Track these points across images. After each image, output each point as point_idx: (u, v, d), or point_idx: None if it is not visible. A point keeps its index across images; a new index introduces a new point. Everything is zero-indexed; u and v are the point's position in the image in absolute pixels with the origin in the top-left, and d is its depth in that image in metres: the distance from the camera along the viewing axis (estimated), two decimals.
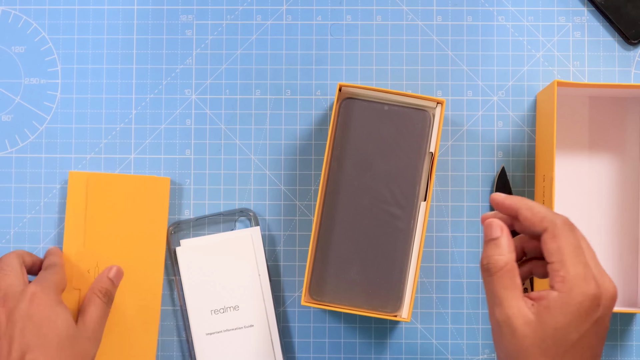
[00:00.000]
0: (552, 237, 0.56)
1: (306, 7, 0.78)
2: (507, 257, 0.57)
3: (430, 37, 0.77)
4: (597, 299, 0.55)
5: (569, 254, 0.56)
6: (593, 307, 0.55)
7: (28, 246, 0.76)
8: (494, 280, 0.57)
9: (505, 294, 0.56)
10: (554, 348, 0.55)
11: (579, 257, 0.56)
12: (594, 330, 0.55)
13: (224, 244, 0.75)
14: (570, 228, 0.57)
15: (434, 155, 0.70)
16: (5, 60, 0.78)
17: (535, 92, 0.77)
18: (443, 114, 0.70)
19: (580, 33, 0.77)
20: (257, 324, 0.74)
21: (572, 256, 0.55)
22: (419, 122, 0.70)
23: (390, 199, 0.70)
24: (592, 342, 0.56)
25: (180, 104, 0.77)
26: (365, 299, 0.70)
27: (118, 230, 0.75)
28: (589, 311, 0.55)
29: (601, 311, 0.55)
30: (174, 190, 0.77)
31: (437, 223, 0.76)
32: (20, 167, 0.77)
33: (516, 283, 0.57)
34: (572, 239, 0.56)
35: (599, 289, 0.55)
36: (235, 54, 0.78)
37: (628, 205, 0.75)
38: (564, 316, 0.55)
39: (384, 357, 0.76)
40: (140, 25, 0.78)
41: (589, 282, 0.55)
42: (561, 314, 0.55)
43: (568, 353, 0.55)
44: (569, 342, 0.55)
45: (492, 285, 0.57)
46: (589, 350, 0.56)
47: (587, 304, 0.55)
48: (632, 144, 0.75)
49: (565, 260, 0.55)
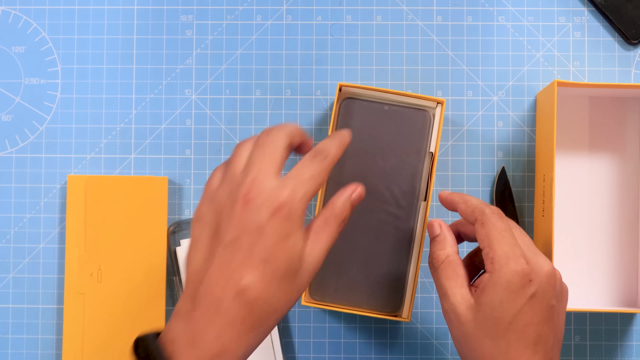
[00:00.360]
0: (482, 225, 0.60)
1: (306, 7, 0.78)
2: (447, 250, 0.61)
3: (430, 37, 0.77)
4: (526, 274, 0.57)
5: (495, 237, 0.59)
6: (524, 283, 0.57)
7: (28, 246, 0.76)
8: (438, 273, 0.61)
9: (449, 284, 0.60)
10: (494, 327, 0.58)
11: (506, 239, 0.58)
12: (531, 306, 0.57)
13: None
14: (499, 216, 0.60)
15: (434, 155, 0.70)
16: (5, 60, 0.78)
17: (535, 92, 0.77)
18: (443, 114, 0.70)
19: (580, 33, 0.77)
20: None
21: (499, 238, 0.59)
22: (419, 122, 0.70)
23: (390, 199, 0.70)
24: (533, 319, 0.58)
25: (180, 104, 0.77)
26: (365, 299, 0.70)
27: (118, 232, 0.75)
28: (520, 287, 0.57)
29: (535, 287, 0.57)
30: (174, 190, 0.77)
31: None
32: (20, 167, 0.77)
33: (458, 273, 0.60)
34: (499, 224, 0.59)
35: (529, 265, 0.58)
36: (236, 54, 0.78)
37: (628, 205, 0.75)
38: (497, 294, 0.57)
39: (384, 357, 0.76)
40: (140, 25, 0.78)
41: (517, 260, 0.57)
42: (494, 293, 0.57)
43: (509, 331, 0.57)
44: (506, 320, 0.57)
45: (437, 277, 0.61)
46: (531, 326, 0.58)
47: (516, 280, 0.57)
48: (632, 144, 0.75)
49: (493, 243, 0.59)
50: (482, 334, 0.58)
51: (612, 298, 0.75)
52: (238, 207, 0.53)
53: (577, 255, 0.75)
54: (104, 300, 0.75)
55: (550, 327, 0.59)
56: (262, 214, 0.53)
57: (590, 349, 0.76)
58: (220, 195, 0.55)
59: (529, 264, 0.58)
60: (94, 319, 0.74)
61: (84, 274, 0.75)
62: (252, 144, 0.57)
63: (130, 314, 0.75)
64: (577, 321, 0.76)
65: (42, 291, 0.76)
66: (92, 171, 0.77)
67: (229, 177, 0.56)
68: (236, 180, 0.55)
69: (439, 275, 0.61)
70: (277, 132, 0.57)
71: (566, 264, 0.75)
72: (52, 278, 0.76)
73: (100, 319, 0.75)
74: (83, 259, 0.75)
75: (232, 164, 0.57)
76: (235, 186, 0.55)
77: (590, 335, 0.76)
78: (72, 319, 0.75)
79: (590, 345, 0.76)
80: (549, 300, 0.58)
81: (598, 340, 0.76)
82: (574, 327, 0.76)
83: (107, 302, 0.75)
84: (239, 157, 0.57)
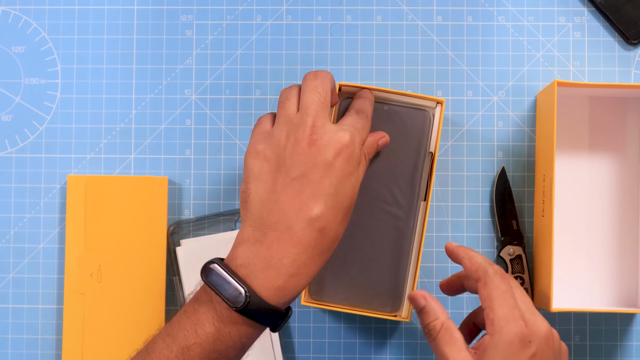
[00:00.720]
0: (484, 285, 0.60)
1: (306, 7, 0.78)
2: (441, 318, 0.61)
3: (431, 37, 0.77)
4: (526, 336, 0.58)
5: (496, 298, 0.59)
6: (524, 344, 0.58)
7: (28, 246, 0.76)
8: (437, 342, 0.61)
9: (448, 350, 0.60)
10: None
11: (507, 301, 0.59)
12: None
13: (224, 244, 0.75)
14: (501, 277, 0.61)
15: (434, 155, 0.70)
16: (5, 60, 0.78)
17: (535, 92, 0.77)
18: (443, 113, 0.70)
19: (581, 33, 0.77)
20: None
21: (500, 300, 0.59)
22: (419, 121, 0.70)
23: (390, 199, 0.70)
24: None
25: (180, 104, 0.77)
26: (365, 298, 0.70)
27: (118, 232, 0.75)
28: (520, 349, 0.58)
29: (534, 348, 0.58)
30: (173, 191, 0.77)
31: (437, 223, 0.76)
32: (20, 167, 0.77)
33: (455, 337, 0.60)
34: (501, 285, 0.60)
35: (527, 327, 0.58)
36: (235, 54, 0.78)
37: (628, 205, 0.75)
38: (497, 356, 0.58)
39: (384, 357, 0.76)
40: (140, 26, 0.78)
41: (517, 322, 0.58)
42: (494, 354, 0.58)
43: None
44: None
45: (436, 346, 0.61)
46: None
47: (516, 342, 0.58)
48: (632, 144, 0.75)
49: (494, 305, 0.59)
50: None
51: (612, 298, 0.75)
52: (303, 145, 0.59)
53: (577, 255, 0.75)
54: (104, 300, 0.75)
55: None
56: (328, 153, 0.59)
57: (590, 349, 0.76)
58: (278, 135, 0.61)
59: (528, 326, 0.58)
60: (94, 319, 0.74)
61: (83, 274, 0.75)
62: (298, 89, 0.63)
63: (130, 314, 0.75)
64: (577, 321, 0.76)
65: (42, 291, 0.76)
66: (92, 171, 0.77)
67: (285, 119, 0.61)
68: (293, 122, 0.61)
69: (438, 344, 0.61)
70: (323, 77, 0.63)
71: (566, 264, 0.75)
72: (52, 278, 0.76)
73: (100, 319, 0.75)
74: (83, 259, 0.75)
75: (284, 107, 0.62)
76: (293, 127, 0.60)
77: (590, 335, 0.76)
78: (72, 319, 0.75)
79: (590, 345, 0.76)
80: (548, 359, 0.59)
81: (598, 341, 0.76)
82: (573, 327, 0.76)
83: (107, 302, 0.75)
84: (290, 101, 0.62)
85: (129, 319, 0.75)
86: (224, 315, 0.57)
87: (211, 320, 0.58)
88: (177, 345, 0.58)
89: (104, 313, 0.75)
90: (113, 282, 0.75)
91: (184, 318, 0.59)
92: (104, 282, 0.75)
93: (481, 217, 0.76)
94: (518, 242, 0.75)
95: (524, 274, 0.74)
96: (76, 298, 0.75)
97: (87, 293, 0.75)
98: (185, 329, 0.58)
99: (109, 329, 0.74)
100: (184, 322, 0.58)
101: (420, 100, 0.70)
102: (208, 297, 0.58)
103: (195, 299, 0.59)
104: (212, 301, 0.58)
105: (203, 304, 0.58)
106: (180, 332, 0.58)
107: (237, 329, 0.58)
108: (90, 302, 0.75)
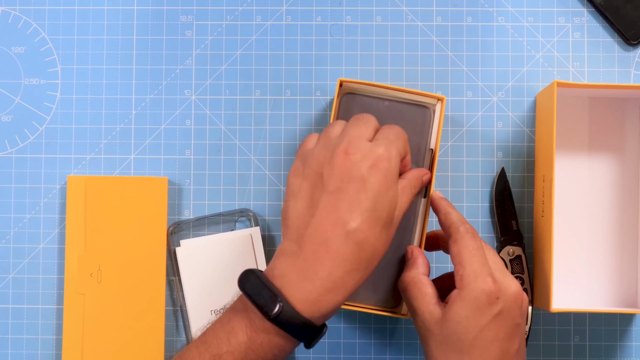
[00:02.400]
0: (454, 242, 0.62)
1: (306, 7, 0.78)
2: (413, 272, 0.64)
3: (430, 37, 0.77)
4: (493, 293, 0.59)
5: (466, 255, 0.61)
6: (490, 301, 0.59)
7: (28, 246, 0.76)
8: (405, 294, 0.64)
9: (417, 304, 0.62)
10: (459, 342, 0.60)
11: (476, 257, 0.61)
12: (497, 324, 0.60)
13: (224, 244, 0.75)
14: (472, 235, 0.62)
15: (434, 151, 0.69)
16: (5, 60, 0.78)
17: (534, 92, 0.77)
18: (443, 110, 0.70)
19: (580, 34, 0.77)
20: None
21: (469, 256, 0.61)
22: (419, 118, 0.70)
23: None
24: (498, 335, 0.60)
25: (180, 104, 0.77)
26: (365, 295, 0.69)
27: (118, 232, 0.75)
28: (487, 304, 0.59)
29: (501, 305, 0.60)
30: (173, 191, 0.77)
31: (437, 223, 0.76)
32: (20, 168, 0.77)
33: (424, 292, 0.62)
34: (471, 243, 0.62)
35: (496, 284, 0.60)
36: (235, 54, 0.78)
37: (628, 205, 0.75)
38: (463, 310, 0.59)
39: (384, 357, 0.76)
40: (140, 26, 0.78)
41: (485, 278, 0.60)
42: (460, 308, 0.60)
43: (473, 347, 0.59)
44: (471, 335, 0.59)
45: (405, 298, 0.64)
46: (495, 342, 0.60)
47: (483, 298, 0.59)
48: (632, 144, 0.75)
49: (463, 261, 0.61)
50: (448, 348, 0.60)
51: (612, 298, 0.75)
52: (339, 159, 0.59)
53: (577, 256, 0.75)
54: (103, 300, 0.75)
55: (515, 342, 0.61)
56: (362, 166, 0.59)
57: (590, 349, 0.76)
58: (317, 154, 0.61)
59: (496, 283, 0.60)
60: (94, 319, 0.74)
61: (83, 274, 0.75)
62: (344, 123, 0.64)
63: (130, 314, 0.75)
64: (577, 322, 0.76)
65: (42, 291, 0.76)
66: (92, 171, 0.77)
67: (325, 140, 0.62)
68: (332, 142, 0.61)
69: (407, 296, 0.63)
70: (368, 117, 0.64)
71: (566, 264, 0.75)
72: (52, 278, 0.76)
73: (100, 319, 0.75)
74: (83, 260, 0.75)
75: (327, 132, 0.63)
76: (331, 146, 0.61)
77: (590, 335, 0.76)
78: (72, 319, 0.75)
79: (589, 345, 0.76)
80: (514, 319, 0.60)
81: (597, 341, 0.76)
82: (573, 327, 0.76)
83: (107, 302, 0.75)
84: (333, 127, 0.63)
85: (128, 319, 0.75)
86: (257, 324, 0.58)
87: (244, 329, 0.58)
88: (210, 353, 0.58)
89: (104, 313, 0.75)
90: (113, 283, 0.75)
91: (219, 327, 0.59)
92: (104, 282, 0.75)
93: (481, 217, 0.76)
94: (518, 243, 0.75)
95: (523, 274, 0.74)
96: (76, 298, 0.75)
97: (87, 293, 0.75)
98: (219, 337, 0.58)
99: (109, 329, 0.74)
100: (218, 330, 0.59)
101: (421, 97, 0.70)
102: (243, 306, 0.59)
103: (231, 309, 0.60)
104: (247, 310, 0.58)
105: (238, 313, 0.59)
106: (214, 340, 0.58)
107: (269, 339, 0.58)
108: (90, 302, 0.75)
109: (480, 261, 0.61)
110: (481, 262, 0.61)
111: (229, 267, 0.74)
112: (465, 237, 0.62)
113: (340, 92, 0.70)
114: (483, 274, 0.60)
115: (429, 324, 0.61)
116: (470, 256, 0.61)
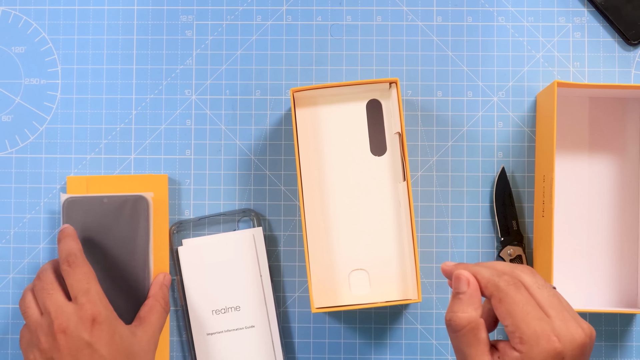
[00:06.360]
0: (499, 302, 0.56)
1: (306, 7, 0.78)
2: (470, 314, 0.57)
3: (431, 37, 0.77)
4: (559, 354, 0.54)
5: (519, 314, 0.55)
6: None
7: (28, 246, 0.76)
8: (458, 338, 0.57)
9: (470, 352, 0.56)
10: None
11: (531, 315, 0.55)
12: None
13: (226, 244, 0.75)
14: (515, 287, 0.56)
15: (401, 135, 0.70)
16: (5, 60, 0.78)
17: (535, 92, 0.77)
18: (399, 93, 0.70)
19: (580, 34, 0.77)
20: (258, 325, 0.74)
21: (523, 315, 0.55)
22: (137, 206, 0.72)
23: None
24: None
25: (180, 104, 0.77)
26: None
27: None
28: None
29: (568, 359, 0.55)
30: (174, 191, 0.77)
31: (437, 223, 0.76)
32: (20, 168, 0.77)
33: (480, 339, 0.56)
34: (519, 298, 0.56)
35: (561, 342, 0.55)
36: (236, 54, 0.78)
37: (628, 205, 0.75)
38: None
39: (384, 357, 0.76)
40: (141, 26, 0.78)
41: (549, 338, 0.54)
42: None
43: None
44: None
45: (457, 342, 0.57)
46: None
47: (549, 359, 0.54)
48: (632, 144, 0.75)
49: (518, 322, 0.55)
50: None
51: (612, 298, 0.75)
52: (60, 338, 0.63)
53: (577, 256, 0.75)
54: None
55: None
56: (83, 333, 0.63)
57: None
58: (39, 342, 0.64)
59: (561, 341, 0.55)
60: None
61: None
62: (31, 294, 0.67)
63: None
64: None
65: None
66: (92, 171, 0.77)
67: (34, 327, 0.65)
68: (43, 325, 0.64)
69: (459, 341, 0.57)
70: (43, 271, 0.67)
71: (566, 264, 0.75)
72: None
73: None
74: None
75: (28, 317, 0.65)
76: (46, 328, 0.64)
77: None
78: None
79: None
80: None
81: (598, 341, 0.76)
82: None
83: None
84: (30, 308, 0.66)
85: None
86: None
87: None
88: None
89: None
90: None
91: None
92: None
93: (481, 217, 0.76)
94: (518, 243, 0.75)
95: None
96: None
97: None
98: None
99: None
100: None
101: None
102: None
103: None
104: None
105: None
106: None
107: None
108: None
109: (537, 316, 0.55)
110: (538, 317, 0.55)
111: (230, 267, 0.74)
112: (509, 292, 0.56)
113: (63, 198, 0.73)
114: (545, 333, 0.54)
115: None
116: (524, 314, 0.55)
